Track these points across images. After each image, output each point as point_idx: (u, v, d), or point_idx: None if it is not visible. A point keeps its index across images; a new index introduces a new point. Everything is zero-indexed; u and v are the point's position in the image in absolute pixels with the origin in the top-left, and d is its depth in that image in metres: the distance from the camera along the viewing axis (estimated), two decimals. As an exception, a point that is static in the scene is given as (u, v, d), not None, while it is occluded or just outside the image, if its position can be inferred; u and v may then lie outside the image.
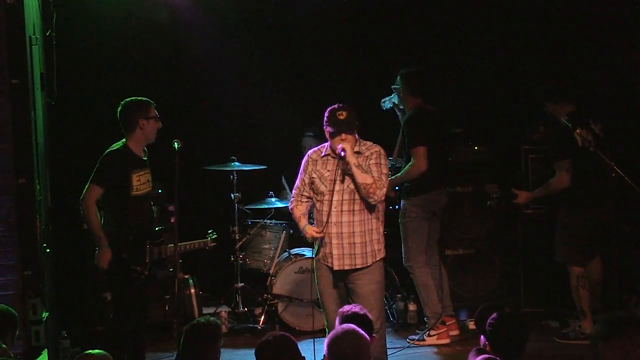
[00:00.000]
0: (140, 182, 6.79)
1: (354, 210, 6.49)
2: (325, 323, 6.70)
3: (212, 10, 9.16)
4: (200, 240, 7.30)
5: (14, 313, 5.66)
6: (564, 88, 8.02)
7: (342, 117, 6.45)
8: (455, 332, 8.09)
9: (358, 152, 6.51)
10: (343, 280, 6.59)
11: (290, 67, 9.75)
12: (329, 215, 6.48)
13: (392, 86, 8.23)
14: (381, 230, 6.61)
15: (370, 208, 6.50)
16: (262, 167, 8.87)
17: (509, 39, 9.25)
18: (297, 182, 6.74)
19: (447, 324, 8.06)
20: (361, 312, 5.32)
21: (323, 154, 6.63)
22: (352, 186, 6.47)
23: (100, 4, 8.52)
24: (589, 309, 7.68)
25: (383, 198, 6.52)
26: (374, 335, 5.28)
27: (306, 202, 6.70)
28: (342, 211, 6.49)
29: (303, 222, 6.68)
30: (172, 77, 9.49)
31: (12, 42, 6.54)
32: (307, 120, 9.21)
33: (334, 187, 6.47)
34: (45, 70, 7.51)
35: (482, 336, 5.15)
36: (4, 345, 5.01)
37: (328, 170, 6.56)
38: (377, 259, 6.56)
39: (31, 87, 6.78)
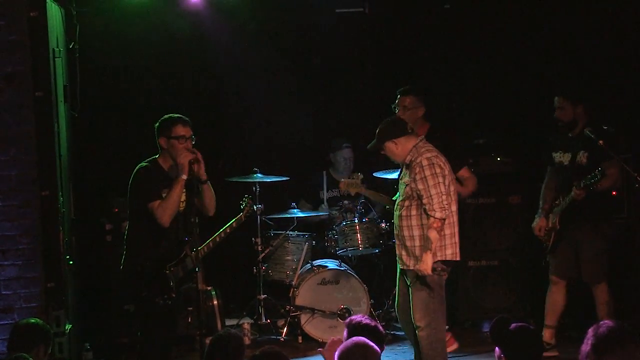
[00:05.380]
0: None
1: (401, 216, 6.64)
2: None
3: (234, 22, 9.18)
4: (231, 222, 7.12)
5: (47, 326, 5.65)
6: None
7: (376, 134, 6.72)
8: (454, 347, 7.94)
9: (407, 164, 6.62)
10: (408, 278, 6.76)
11: (314, 78, 9.75)
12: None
13: None
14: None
15: (416, 217, 6.58)
16: (284, 178, 8.86)
17: (534, 49, 9.19)
18: None
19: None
20: (372, 324, 5.20)
21: None
22: (403, 194, 6.62)
23: (122, 16, 8.56)
24: None
25: (445, 211, 6.46)
26: (384, 346, 5.25)
27: None
28: (397, 215, 6.71)
29: None
30: (194, 89, 9.52)
31: (35, 54, 6.61)
32: (341, 132, 9.44)
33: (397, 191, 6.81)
34: (69, 83, 7.56)
35: (497, 348, 5.13)
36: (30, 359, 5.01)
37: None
38: None
39: (55, 100, 6.82)
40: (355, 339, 4.57)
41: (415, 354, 6.80)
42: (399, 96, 7.59)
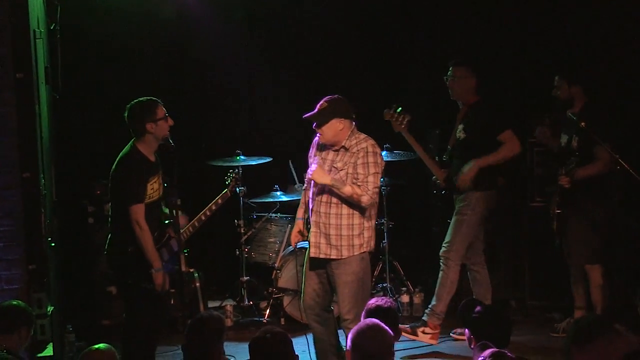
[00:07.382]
0: (153, 189, 6.46)
1: (331, 203, 6.39)
2: (300, 303, 6.78)
3: (217, 4, 9.15)
4: (217, 198, 7.03)
5: (28, 308, 5.64)
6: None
7: (320, 108, 6.44)
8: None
9: (345, 148, 6.40)
10: (324, 268, 6.53)
11: (297, 60, 9.73)
12: (312, 202, 6.50)
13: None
14: (367, 224, 6.45)
15: (351, 204, 6.38)
16: (267, 159, 8.83)
17: (514, 31, 9.16)
18: None
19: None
20: (385, 306, 5.33)
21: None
22: (336, 177, 6.36)
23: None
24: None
25: (372, 200, 6.36)
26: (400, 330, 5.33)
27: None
28: (321, 202, 6.44)
29: (298, 213, 6.81)
30: (178, 72, 9.49)
31: (16, 35, 6.53)
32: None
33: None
34: (50, 64, 7.51)
35: (466, 329, 5.19)
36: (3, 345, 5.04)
37: (322, 158, 6.52)
38: (356, 253, 6.43)
39: (36, 81, 6.77)
40: (368, 320, 4.58)
41: (316, 340, 6.70)
42: (451, 67, 7.73)
